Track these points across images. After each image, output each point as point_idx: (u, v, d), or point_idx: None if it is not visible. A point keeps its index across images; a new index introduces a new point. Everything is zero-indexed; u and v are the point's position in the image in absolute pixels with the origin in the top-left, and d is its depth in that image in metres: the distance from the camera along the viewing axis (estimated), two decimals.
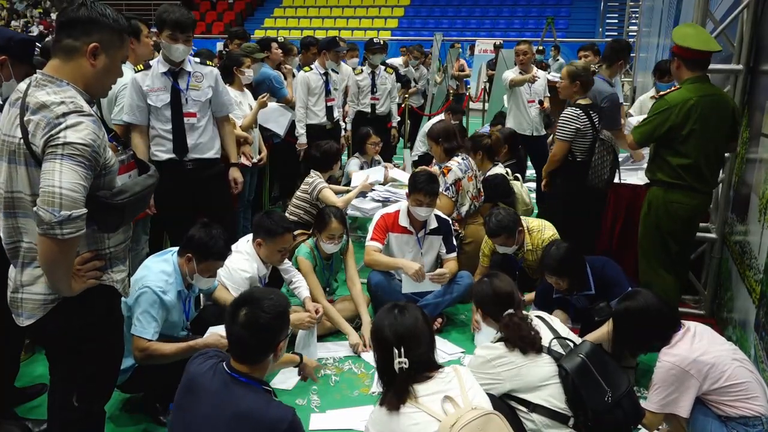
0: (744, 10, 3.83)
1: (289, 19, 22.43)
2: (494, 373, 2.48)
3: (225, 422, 1.92)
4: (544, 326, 2.62)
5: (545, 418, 2.42)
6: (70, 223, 1.75)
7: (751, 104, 3.79)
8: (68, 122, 1.78)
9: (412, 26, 20.96)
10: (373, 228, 4.03)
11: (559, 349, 2.52)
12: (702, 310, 4.17)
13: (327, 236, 3.77)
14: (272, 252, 3.41)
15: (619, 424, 2.42)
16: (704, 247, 4.28)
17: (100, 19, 1.89)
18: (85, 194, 1.80)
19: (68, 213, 1.74)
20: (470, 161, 4.54)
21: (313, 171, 4.65)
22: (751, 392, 2.45)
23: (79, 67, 1.90)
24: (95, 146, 1.81)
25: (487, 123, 7.89)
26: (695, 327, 2.63)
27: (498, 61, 10.19)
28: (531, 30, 19.26)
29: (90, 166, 1.80)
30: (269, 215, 3.44)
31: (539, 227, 3.94)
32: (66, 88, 1.87)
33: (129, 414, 3.03)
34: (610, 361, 2.54)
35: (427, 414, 1.93)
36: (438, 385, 2.02)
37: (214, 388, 1.98)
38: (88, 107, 1.87)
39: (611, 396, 2.40)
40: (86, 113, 1.83)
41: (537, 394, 2.44)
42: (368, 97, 6.78)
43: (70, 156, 1.76)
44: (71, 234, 1.76)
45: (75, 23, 1.88)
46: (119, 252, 2.08)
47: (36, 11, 23.87)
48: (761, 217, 3.18)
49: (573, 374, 2.41)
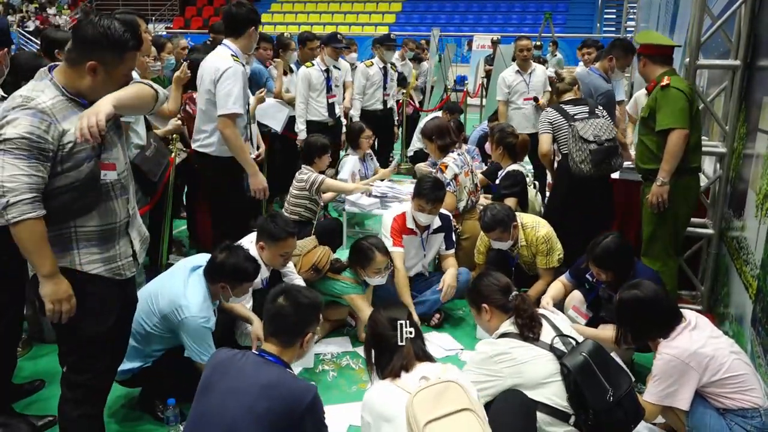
0: (741, 6, 3.83)
1: (286, 15, 22.36)
2: (495, 370, 2.48)
3: (256, 390, 2.04)
4: (546, 324, 2.62)
5: (546, 415, 2.42)
6: (11, 208, 1.93)
7: (748, 100, 3.79)
8: (9, 118, 1.96)
9: (410, 21, 20.92)
10: (390, 232, 3.93)
11: (562, 347, 2.52)
12: (699, 306, 4.18)
13: (374, 271, 3.65)
14: (275, 256, 3.36)
15: (619, 423, 2.42)
16: (701, 243, 4.29)
17: (102, 40, 2.04)
18: (35, 181, 1.96)
19: (5, 200, 1.92)
20: (466, 157, 4.55)
21: (304, 166, 4.63)
22: (749, 384, 2.47)
23: (79, 77, 2.07)
24: (34, 137, 1.95)
25: (485, 119, 7.87)
26: (696, 319, 2.64)
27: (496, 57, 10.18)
28: (529, 25, 19.23)
29: (33, 155, 1.95)
30: (273, 219, 3.39)
31: (533, 223, 3.95)
32: (42, 82, 2.06)
33: (128, 410, 3.04)
34: (612, 360, 2.54)
35: (404, 391, 2.07)
36: (420, 371, 2.14)
37: (245, 366, 2.13)
38: (49, 100, 2.00)
39: (612, 395, 2.39)
40: (29, 107, 1.97)
41: (539, 391, 2.44)
42: (379, 92, 6.78)
43: (8, 150, 1.94)
44: (16, 218, 1.94)
45: (80, 39, 2.06)
46: (91, 234, 2.14)
47: (32, 6, 23.75)
48: (758, 212, 3.18)
49: (575, 372, 2.40)
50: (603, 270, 3.23)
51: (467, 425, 2.00)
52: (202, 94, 3.79)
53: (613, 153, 4.11)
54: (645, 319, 2.63)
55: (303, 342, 2.23)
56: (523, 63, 6.27)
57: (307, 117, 5.90)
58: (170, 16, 23.36)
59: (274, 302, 2.24)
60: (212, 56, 3.81)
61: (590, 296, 3.48)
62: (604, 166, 4.09)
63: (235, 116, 3.67)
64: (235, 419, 2.02)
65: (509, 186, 4.62)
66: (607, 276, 3.24)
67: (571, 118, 4.21)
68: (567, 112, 4.26)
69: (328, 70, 5.92)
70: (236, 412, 2.02)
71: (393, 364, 2.16)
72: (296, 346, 2.23)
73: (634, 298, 2.65)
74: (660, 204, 3.54)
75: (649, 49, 3.68)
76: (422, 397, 2.00)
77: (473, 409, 2.04)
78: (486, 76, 12.00)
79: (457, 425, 1.99)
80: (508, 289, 2.68)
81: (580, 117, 4.20)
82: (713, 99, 4.40)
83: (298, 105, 5.79)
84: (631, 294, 2.67)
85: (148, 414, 2.99)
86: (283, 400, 2.04)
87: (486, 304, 2.69)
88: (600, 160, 4.06)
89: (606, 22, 18.75)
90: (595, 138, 4.04)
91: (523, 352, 2.48)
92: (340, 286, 3.69)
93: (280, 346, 2.20)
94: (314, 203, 4.57)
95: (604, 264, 3.22)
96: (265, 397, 2.03)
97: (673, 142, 3.45)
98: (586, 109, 4.26)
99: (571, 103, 4.34)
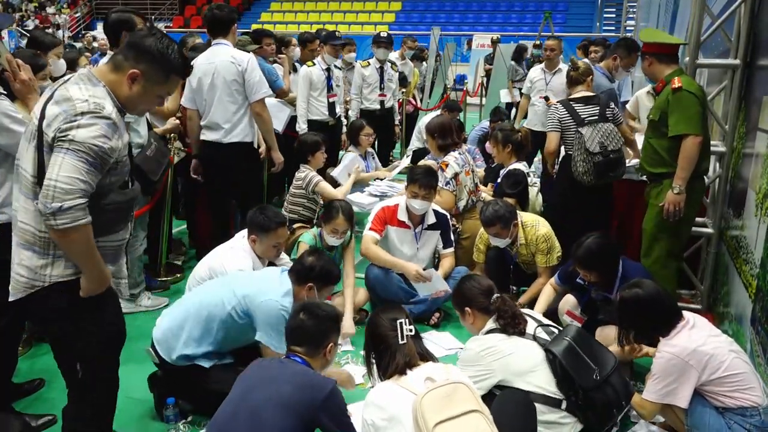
0: (741, 5, 3.83)
1: (285, 13, 22.36)
2: (484, 365, 2.55)
3: (283, 378, 2.20)
4: (528, 317, 2.75)
5: (539, 404, 2.47)
6: (62, 214, 1.85)
7: (748, 99, 3.79)
8: (81, 121, 1.89)
9: (410, 20, 20.92)
10: (373, 218, 4.04)
11: (545, 336, 2.63)
12: (699, 305, 4.19)
13: (331, 229, 3.81)
14: (267, 247, 3.41)
15: (610, 401, 2.48)
16: (701, 242, 4.30)
17: (156, 54, 2.02)
18: (88, 188, 1.89)
19: (59, 205, 1.84)
20: (467, 156, 4.55)
21: (302, 165, 4.64)
22: (748, 383, 2.48)
23: (119, 83, 2.04)
24: (104, 147, 1.91)
25: (485, 118, 7.87)
26: (694, 318, 2.64)
27: (495, 56, 10.18)
28: (528, 24, 19.24)
29: (95, 163, 1.90)
30: (262, 211, 3.44)
31: (533, 222, 3.95)
32: (99, 88, 2.00)
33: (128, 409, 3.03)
34: (594, 342, 2.66)
35: (409, 391, 2.10)
36: (424, 371, 2.17)
37: (275, 361, 2.36)
38: (113, 111, 1.97)
39: (599, 373, 2.48)
40: (103, 116, 1.92)
41: (528, 380, 2.51)
42: (375, 93, 6.77)
43: (74, 151, 1.87)
44: (65, 224, 1.86)
45: (134, 46, 2.04)
46: (108, 250, 2.12)
47: (31, 5, 23.74)
48: (758, 211, 3.19)
49: (560, 356, 2.49)
50: (588, 270, 3.28)
51: (477, 427, 2.02)
52: (225, 87, 4.03)
53: (616, 165, 4.10)
54: (647, 317, 2.63)
55: (326, 352, 2.38)
56: (548, 62, 6.58)
57: (308, 116, 5.90)
58: (170, 15, 23.36)
59: (294, 318, 2.40)
60: (219, 53, 4.01)
61: (583, 299, 3.49)
62: (606, 177, 4.10)
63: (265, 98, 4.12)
64: (259, 403, 2.12)
65: (512, 185, 4.64)
66: (593, 276, 3.28)
67: (580, 121, 4.14)
68: (577, 113, 4.17)
69: (329, 69, 5.92)
70: (262, 396, 2.14)
71: (397, 362, 2.18)
72: (320, 356, 2.37)
73: (635, 296, 2.65)
74: (677, 212, 3.50)
75: (656, 48, 3.61)
76: (431, 398, 2.02)
77: (482, 411, 2.07)
78: (486, 75, 11.99)
79: (467, 427, 2.01)
80: (489, 292, 2.75)
81: (589, 120, 4.13)
82: (713, 98, 4.40)
83: (300, 104, 5.79)
84: (632, 293, 2.67)
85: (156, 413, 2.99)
86: (306, 387, 2.16)
87: (469, 308, 2.78)
88: (603, 172, 4.07)
89: (606, 22, 18.74)
90: (602, 148, 4.02)
91: (509, 344, 2.58)
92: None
93: (306, 356, 2.34)
94: (313, 202, 4.56)
95: (588, 265, 3.27)
96: (291, 383, 2.16)
97: (688, 149, 3.41)
98: (597, 110, 4.18)
99: (582, 101, 4.23)
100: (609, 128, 4.10)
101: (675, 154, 3.48)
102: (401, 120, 8.06)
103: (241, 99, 4.07)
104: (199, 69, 4.07)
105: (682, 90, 3.40)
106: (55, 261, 2.02)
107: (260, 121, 4.19)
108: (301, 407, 2.11)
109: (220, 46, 4.07)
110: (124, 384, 2.43)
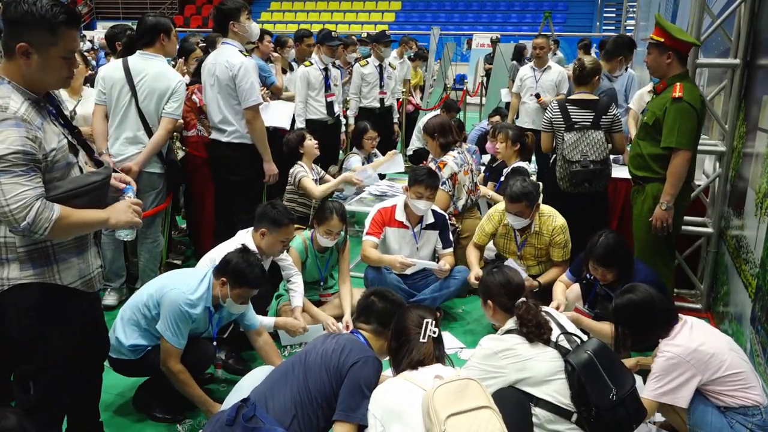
0: (741, 5, 3.83)
1: (285, 13, 22.35)
2: (498, 365, 2.47)
3: (342, 341, 2.36)
4: (551, 321, 2.60)
5: (548, 412, 2.41)
6: (35, 226, 1.83)
7: (748, 99, 3.79)
8: None
9: (409, 20, 20.91)
10: (370, 222, 4.04)
11: (566, 344, 2.51)
12: (698, 305, 4.19)
13: (325, 230, 3.77)
14: (275, 242, 3.38)
15: (621, 422, 2.41)
16: (701, 242, 4.29)
17: (27, 18, 1.86)
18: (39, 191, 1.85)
19: (26, 223, 1.81)
20: (466, 155, 4.54)
21: (297, 163, 4.63)
22: (749, 382, 2.48)
23: (18, 66, 1.91)
24: (25, 149, 1.82)
25: (485, 118, 7.88)
26: (691, 320, 2.65)
27: (495, 55, 10.18)
28: (528, 24, 19.24)
29: (28, 168, 1.83)
30: (273, 206, 3.42)
31: (551, 213, 3.92)
32: (5, 89, 1.89)
33: (125, 410, 3.03)
34: (616, 359, 2.52)
35: (418, 386, 2.12)
36: (434, 370, 2.20)
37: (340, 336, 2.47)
38: (21, 105, 1.87)
39: (616, 394, 2.38)
40: (6, 117, 1.82)
41: (542, 388, 2.44)
42: (375, 91, 6.77)
43: (2, 171, 1.80)
44: (46, 228, 1.85)
45: (7, 23, 1.90)
46: (68, 244, 2.05)
47: None
48: (757, 211, 3.18)
49: (579, 370, 2.39)
50: (608, 268, 3.20)
51: (488, 422, 2.02)
52: (221, 89, 4.00)
53: (594, 177, 4.04)
54: (643, 321, 2.63)
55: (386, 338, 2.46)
56: (537, 60, 6.50)
57: (306, 116, 5.89)
58: (170, 14, 23.32)
59: (366, 298, 2.58)
60: (221, 54, 4.01)
61: (590, 294, 3.47)
62: (581, 187, 4.07)
63: (259, 106, 4.03)
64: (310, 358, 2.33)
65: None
66: (611, 275, 3.21)
67: (569, 126, 4.07)
68: (569, 116, 4.09)
69: (327, 68, 5.91)
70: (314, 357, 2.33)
71: (411, 358, 2.23)
72: (382, 340, 2.46)
73: (628, 302, 2.65)
74: (665, 228, 3.47)
75: (680, 45, 3.43)
76: (443, 392, 2.03)
77: (493, 408, 2.06)
78: (485, 74, 11.98)
79: (479, 421, 2.01)
80: (515, 294, 2.63)
81: (579, 126, 4.05)
82: (713, 97, 4.40)
83: (298, 104, 5.78)
84: (625, 299, 2.67)
85: (143, 414, 2.97)
86: (346, 351, 2.30)
87: (491, 301, 2.70)
88: (579, 183, 4.05)
89: (606, 21, 18.75)
90: (582, 157, 3.99)
91: (528, 348, 2.48)
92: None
93: (370, 333, 2.48)
94: (306, 198, 4.54)
95: (609, 262, 3.19)
96: (338, 345, 2.33)
97: (678, 164, 3.38)
98: (592, 116, 4.07)
99: (578, 104, 4.12)
100: (597, 137, 4.02)
101: (660, 163, 3.46)
102: (401, 120, 8.05)
103: (236, 102, 4.03)
104: (206, 68, 4.10)
105: (683, 101, 3.33)
106: (10, 263, 1.98)
107: (250, 129, 4.06)
108: (335, 370, 2.25)
109: (225, 47, 4.05)
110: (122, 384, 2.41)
